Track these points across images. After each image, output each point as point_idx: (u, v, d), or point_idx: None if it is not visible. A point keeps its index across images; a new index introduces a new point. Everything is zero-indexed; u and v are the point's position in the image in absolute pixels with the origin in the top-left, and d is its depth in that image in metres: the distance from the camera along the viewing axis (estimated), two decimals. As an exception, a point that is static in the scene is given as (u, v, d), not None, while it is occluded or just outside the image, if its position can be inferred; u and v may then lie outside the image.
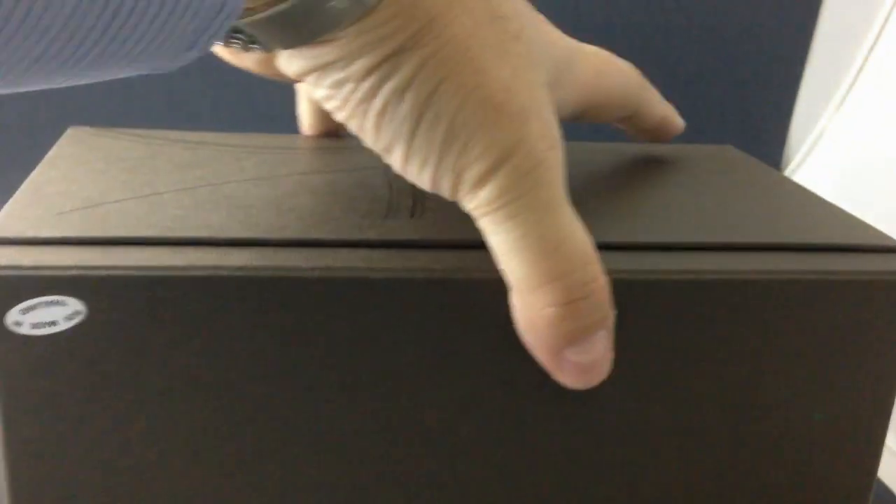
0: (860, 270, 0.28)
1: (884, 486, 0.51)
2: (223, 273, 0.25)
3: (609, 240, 0.28)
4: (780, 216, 0.31)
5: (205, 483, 0.27)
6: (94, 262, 0.25)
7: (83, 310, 0.25)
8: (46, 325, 0.24)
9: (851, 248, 0.29)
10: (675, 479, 0.29)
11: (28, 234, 0.25)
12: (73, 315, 0.25)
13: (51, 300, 0.24)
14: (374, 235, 0.27)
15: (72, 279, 0.24)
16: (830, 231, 0.30)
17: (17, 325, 0.24)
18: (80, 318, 0.25)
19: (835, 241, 0.29)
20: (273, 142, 0.36)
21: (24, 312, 0.24)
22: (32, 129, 0.61)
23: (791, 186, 0.35)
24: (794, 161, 0.70)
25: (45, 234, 0.25)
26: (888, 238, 0.30)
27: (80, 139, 0.35)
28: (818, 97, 0.64)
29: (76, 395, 0.25)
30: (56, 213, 0.27)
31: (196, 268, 0.25)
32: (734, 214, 0.31)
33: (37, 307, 0.24)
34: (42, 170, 0.31)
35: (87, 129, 0.36)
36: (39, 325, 0.24)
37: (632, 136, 0.38)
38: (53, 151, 0.33)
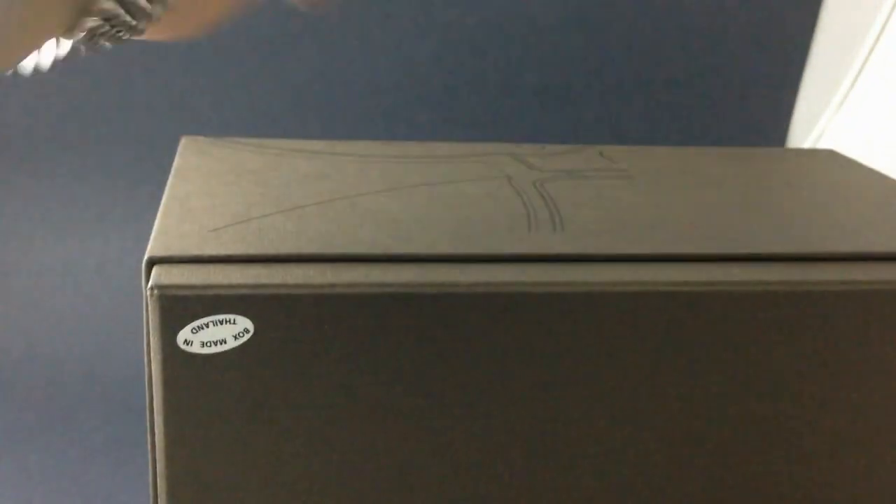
0: None
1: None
2: (389, 290, 0.25)
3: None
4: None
5: (363, 499, 0.27)
6: (262, 281, 0.25)
7: (251, 328, 0.25)
8: (216, 344, 0.25)
9: None
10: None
11: (192, 253, 0.25)
12: (242, 333, 0.25)
13: (221, 318, 0.24)
14: (525, 249, 0.27)
15: (242, 298, 0.24)
16: None
17: (188, 345, 0.24)
18: (248, 336, 0.25)
19: None
20: (381, 149, 0.36)
21: (195, 332, 0.24)
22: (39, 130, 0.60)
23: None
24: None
25: (209, 253, 0.25)
26: None
27: (199, 149, 0.35)
28: (818, 97, 0.64)
29: (240, 413, 0.25)
30: (210, 230, 0.27)
31: (361, 284, 0.25)
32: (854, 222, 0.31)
33: (207, 326, 0.24)
34: (176, 182, 0.31)
35: (202, 139, 0.36)
36: (209, 344, 0.24)
37: None
38: (178, 163, 0.33)
